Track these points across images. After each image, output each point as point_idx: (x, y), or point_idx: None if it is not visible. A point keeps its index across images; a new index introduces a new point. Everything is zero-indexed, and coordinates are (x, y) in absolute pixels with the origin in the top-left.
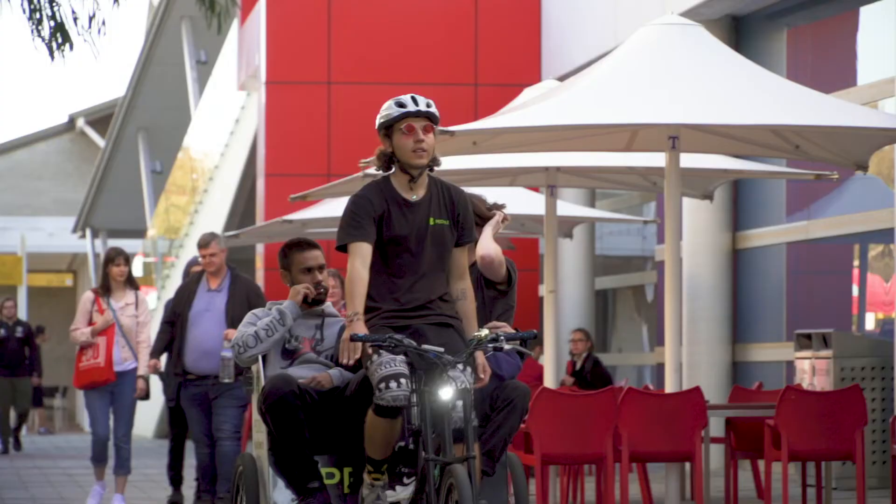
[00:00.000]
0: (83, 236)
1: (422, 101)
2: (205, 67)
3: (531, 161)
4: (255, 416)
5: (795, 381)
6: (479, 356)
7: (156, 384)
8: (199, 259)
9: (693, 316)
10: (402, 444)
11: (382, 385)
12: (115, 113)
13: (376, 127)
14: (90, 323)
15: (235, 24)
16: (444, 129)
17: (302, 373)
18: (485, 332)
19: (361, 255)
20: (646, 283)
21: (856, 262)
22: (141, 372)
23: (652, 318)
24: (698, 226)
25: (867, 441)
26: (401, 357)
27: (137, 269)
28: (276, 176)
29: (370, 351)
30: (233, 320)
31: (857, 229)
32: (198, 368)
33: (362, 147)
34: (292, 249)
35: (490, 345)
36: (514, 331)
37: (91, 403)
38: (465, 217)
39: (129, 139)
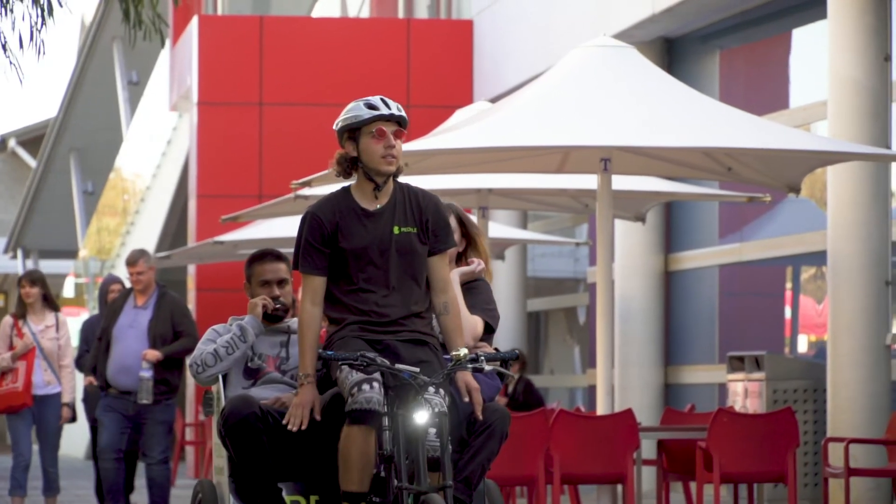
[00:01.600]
0: (14, 257)
1: (392, 104)
2: (136, 88)
3: (463, 183)
4: (215, 439)
5: (728, 404)
6: (464, 374)
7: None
8: (127, 277)
9: (625, 338)
10: (374, 471)
11: (355, 390)
12: (47, 133)
13: (337, 128)
14: (10, 347)
15: (167, 44)
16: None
17: (265, 393)
18: (464, 351)
19: (312, 291)
20: (578, 305)
21: (788, 285)
22: (66, 399)
23: (584, 340)
24: (630, 248)
25: (799, 463)
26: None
27: (69, 290)
28: (208, 197)
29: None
30: (155, 338)
31: (789, 252)
32: (118, 383)
33: (294, 168)
34: (254, 261)
35: (470, 365)
36: (494, 351)
37: (13, 426)
38: (435, 223)
39: (60, 160)
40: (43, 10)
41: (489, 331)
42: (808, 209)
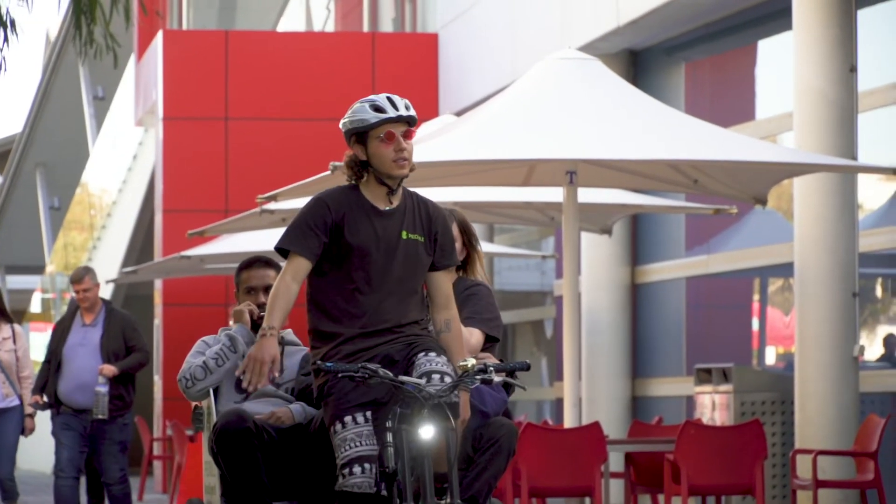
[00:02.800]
0: None
1: (400, 102)
2: (102, 103)
3: (429, 196)
4: (206, 457)
5: (695, 416)
6: (463, 396)
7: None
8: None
9: (592, 351)
10: (374, 489)
11: (346, 470)
12: (13, 149)
13: (344, 130)
14: None
15: (132, 59)
16: (341, 164)
17: (259, 408)
18: (471, 361)
19: (294, 269)
20: (545, 318)
21: (756, 297)
22: (29, 410)
23: (551, 352)
24: (597, 260)
25: (767, 475)
26: (367, 430)
27: (36, 306)
28: (174, 212)
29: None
30: (108, 354)
31: (756, 263)
32: (74, 402)
33: (260, 183)
34: (242, 269)
35: (478, 376)
36: (499, 361)
37: None
38: (443, 236)
39: (26, 175)
40: (6, 28)
41: (492, 340)
42: (774, 221)
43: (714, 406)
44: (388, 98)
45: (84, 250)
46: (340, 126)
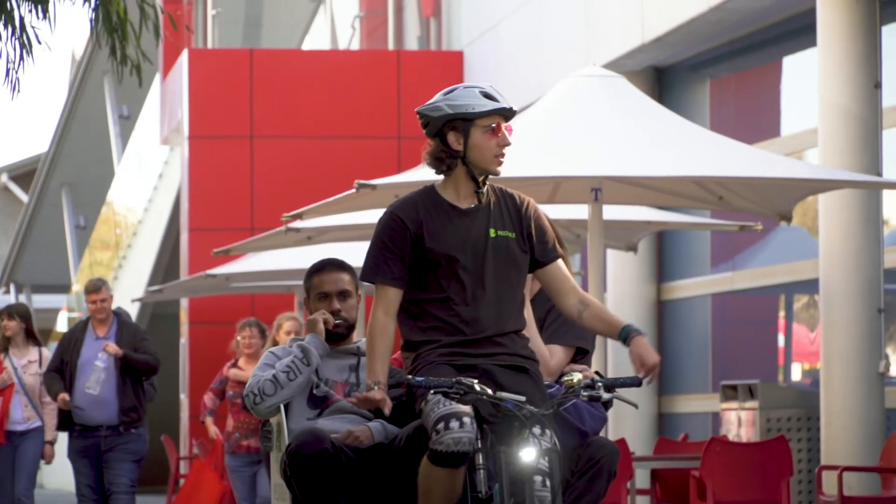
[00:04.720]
0: (7, 292)
1: (502, 94)
2: (127, 122)
3: None
4: (277, 479)
5: (721, 433)
6: (639, 344)
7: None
8: (89, 306)
9: (619, 368)
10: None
11: (441, 426)
12: (39, 168)
13: (436, 114)
14: None
15: (157, 78)
16: (367, 182)
17: (335, 426)
18: (577, 377)
19: (385, 303)
20: None
21: (781, 313)
22: (48, 437)
23: None
24: (622, 277)
25: (793, 492)
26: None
27: (62, 324)
28: (200, 230)
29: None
30: (124, 367)
31: (781, 280)
32: (92, 418)
33: (285, 201)
34: (313, 273)
35: (585, 392)
36: (596, 375)
37: None
38: (539, 228)
39: (52, 194)
40: (24, 47)
41: (582, 353)
42: (799, 237)
43: (740, 422)
44: (492, 88)
45: (110, 269)
46: (429, 110)
